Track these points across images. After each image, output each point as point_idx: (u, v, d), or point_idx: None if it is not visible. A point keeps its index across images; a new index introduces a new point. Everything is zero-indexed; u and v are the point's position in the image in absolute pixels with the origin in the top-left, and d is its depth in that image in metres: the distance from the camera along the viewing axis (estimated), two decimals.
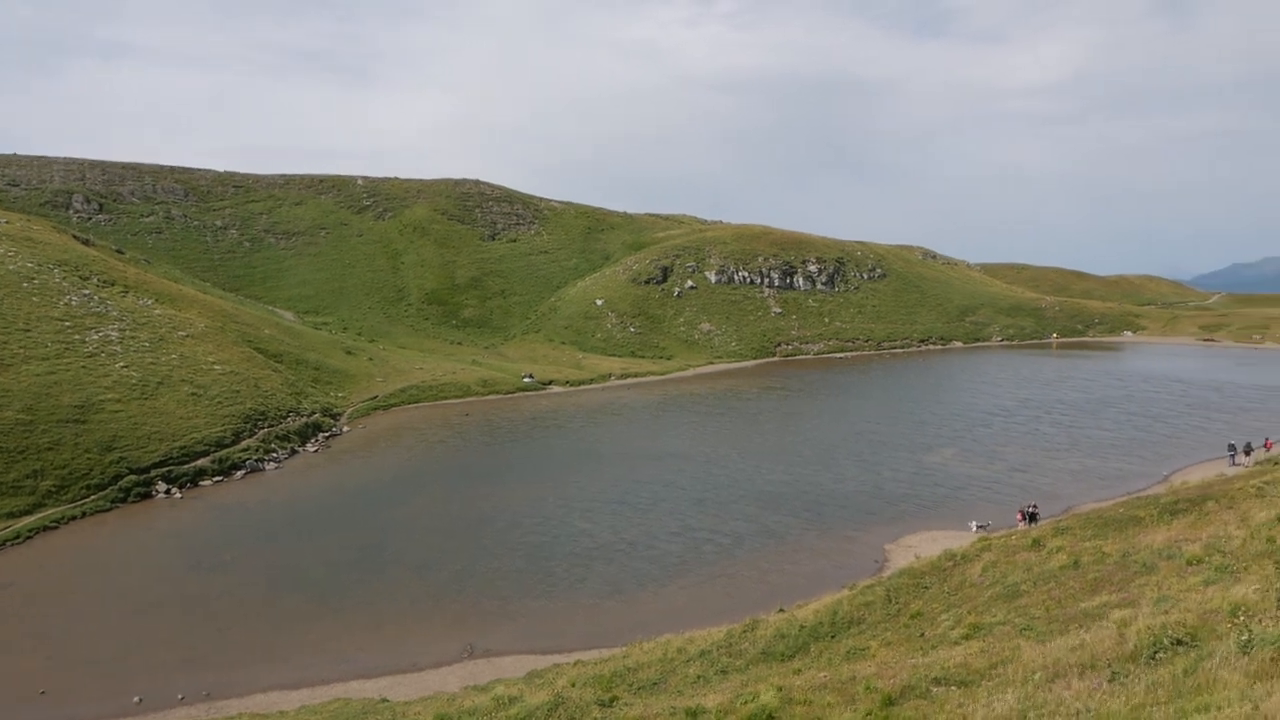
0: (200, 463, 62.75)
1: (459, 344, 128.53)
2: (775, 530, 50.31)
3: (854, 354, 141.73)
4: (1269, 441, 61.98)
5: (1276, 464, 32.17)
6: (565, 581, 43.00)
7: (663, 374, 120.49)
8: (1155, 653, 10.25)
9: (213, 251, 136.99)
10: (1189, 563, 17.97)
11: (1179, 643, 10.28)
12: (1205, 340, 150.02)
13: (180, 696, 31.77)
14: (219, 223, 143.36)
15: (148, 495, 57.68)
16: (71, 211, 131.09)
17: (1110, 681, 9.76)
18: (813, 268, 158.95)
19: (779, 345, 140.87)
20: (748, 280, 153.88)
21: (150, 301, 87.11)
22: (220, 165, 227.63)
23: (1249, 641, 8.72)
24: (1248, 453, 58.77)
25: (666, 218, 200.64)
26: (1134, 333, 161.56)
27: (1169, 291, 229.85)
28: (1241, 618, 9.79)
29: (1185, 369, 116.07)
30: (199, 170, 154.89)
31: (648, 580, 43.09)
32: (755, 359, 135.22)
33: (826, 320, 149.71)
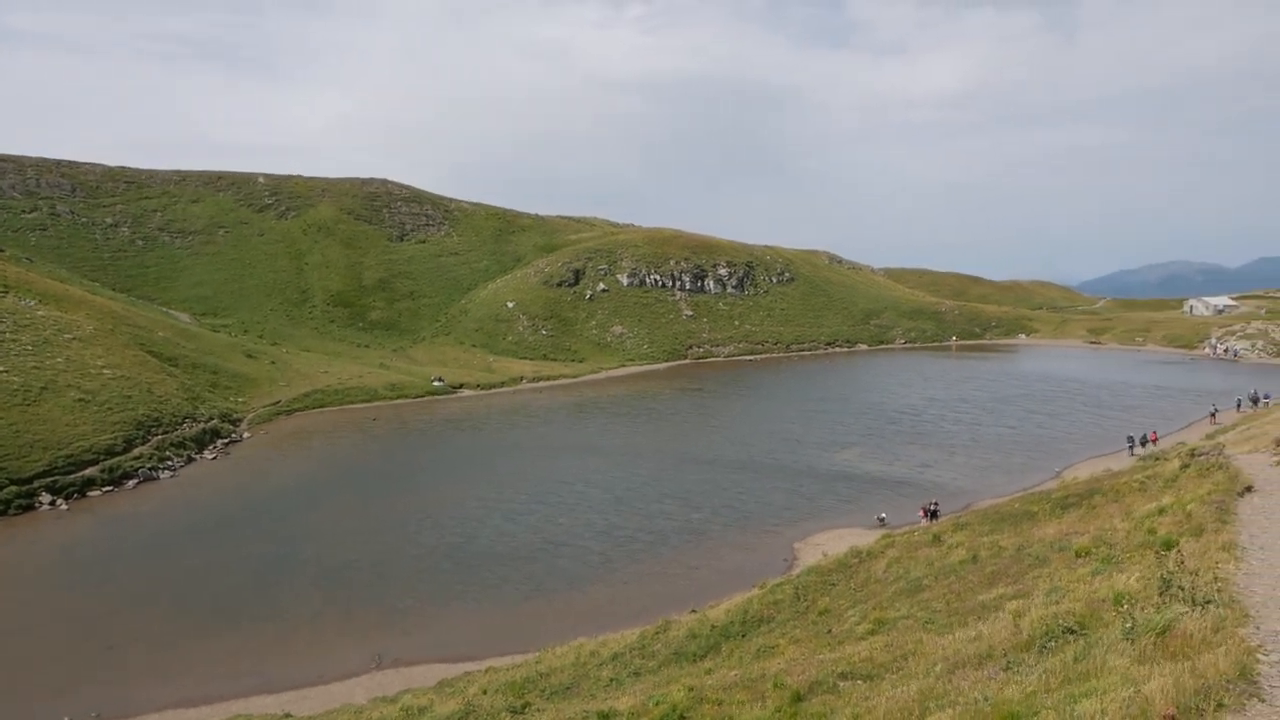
0: (88, 472, 59.69)
1: (366, 347, 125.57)
2: (698, 528, 50.76)
3: (764, 356, 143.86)
4: (1154, 434, 65.88)
5: (1158, 459, 33.93)
6: (486, 584, 42.40)
7: (575, 376, 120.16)
8: (1047, 642, 10.67)
9: (102, 250, 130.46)
10: (1078, 555, 18.77)
11: (1069, 631, 10.72)
12: (1093, 343, 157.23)
13: (66, 719, 30.14)
14: (109, 220, 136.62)
15: (30, 507, 54.58)
16: None
17: (1006, 670, 10.12)
18: (723, 271, 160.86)
19: (690, 348, 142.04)
20: (659, 283, 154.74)
21: (33, 302, 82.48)
22: (110, 159, 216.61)
23: (1132, 628, 9.14)
24: (1144, 444, 62.43)
25: (578, 220, 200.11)
26: (1028, 335, 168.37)
27: (1059, 296, 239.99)
28: (1125, 606, 10.26)
29: (1077, 369, 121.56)
30: (87, 164, 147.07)
31: (577, 580, 42.88)
32: (667, 361, 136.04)
33: (737, 323, 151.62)
